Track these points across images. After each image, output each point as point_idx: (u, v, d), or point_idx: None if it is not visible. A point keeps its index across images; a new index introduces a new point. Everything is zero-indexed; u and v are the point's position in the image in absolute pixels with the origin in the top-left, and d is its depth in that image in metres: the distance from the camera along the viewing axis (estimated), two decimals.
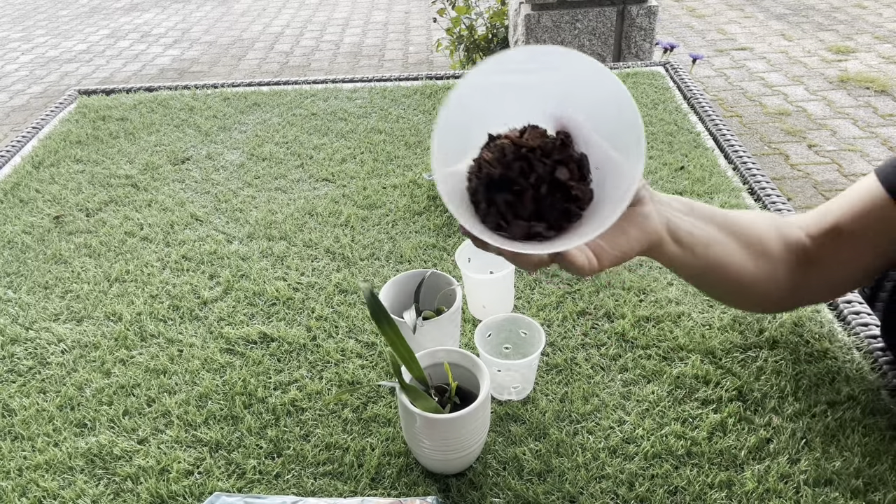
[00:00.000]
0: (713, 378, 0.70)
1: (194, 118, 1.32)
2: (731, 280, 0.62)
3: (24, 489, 0.63)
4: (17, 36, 4.95)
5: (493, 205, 0.50)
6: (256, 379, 0.73)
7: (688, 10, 4.73)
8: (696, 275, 0.62)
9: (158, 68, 4.19)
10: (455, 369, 0.63)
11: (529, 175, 0.49)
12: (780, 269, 0.64)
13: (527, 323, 0.69)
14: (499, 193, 0.50)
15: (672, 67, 1.44)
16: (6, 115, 3.62)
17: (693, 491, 0.59)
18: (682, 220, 0.58)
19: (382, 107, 1.34)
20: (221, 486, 0.62)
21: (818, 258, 0.64)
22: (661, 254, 0.57)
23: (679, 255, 0.58)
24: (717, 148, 1.15)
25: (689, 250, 0.58)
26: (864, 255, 0.63)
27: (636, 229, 0.54)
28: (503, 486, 0.61)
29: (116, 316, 0.83)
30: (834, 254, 0.64)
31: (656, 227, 0.55)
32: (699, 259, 0.59)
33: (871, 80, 3.38)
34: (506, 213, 0.49)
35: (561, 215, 0.50)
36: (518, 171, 0.49)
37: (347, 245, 0.94)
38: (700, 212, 0.60)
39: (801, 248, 0.65)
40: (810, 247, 0.65)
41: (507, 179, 0.49)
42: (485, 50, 2.93)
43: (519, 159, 0.50)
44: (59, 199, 1.07)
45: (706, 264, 0.60)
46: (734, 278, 0.62)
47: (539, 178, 0.49)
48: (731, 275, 0.62)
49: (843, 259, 0.64)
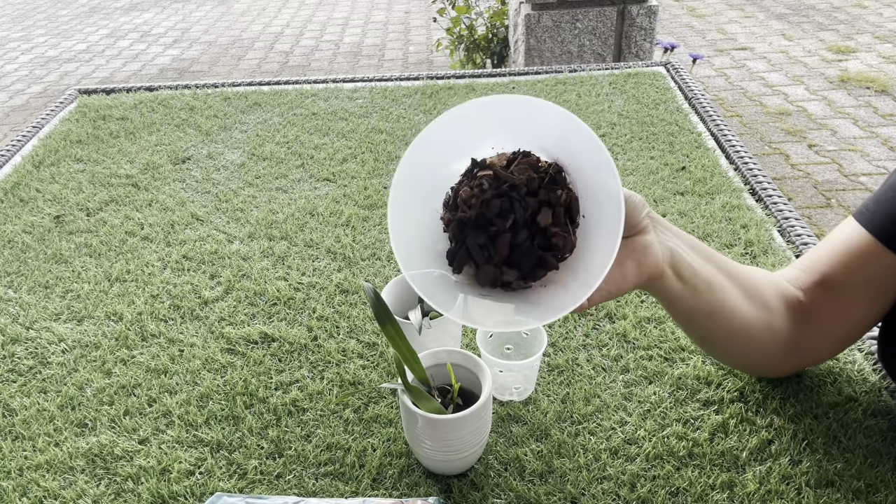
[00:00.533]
0: (715, 379, 0.70)
1: (195, 118, 1.31)
2: (733, 328, 0.59)
3: (25, 489, 0.62)
4: (16, 35, 4.95)
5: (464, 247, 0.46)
6: (257, 379, 0.73)
7: (688, 9, 4.73)
8: (694, 318, 0.58)
9: (158, 68, 4.19)
10: (457, 370, 0.63)
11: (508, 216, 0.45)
12: (777, 323, 0.61)
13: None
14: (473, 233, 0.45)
15: (673, 67, 1.44)
16: (6, 114, 3.62)
17: (695, 492, 0.59)
18: (686, 254, 0.54)
19: (383, 106, 1.33)
20: (222, 486, 0.62)
21: (814, 312, 0.61)
22: (661, 288, 0.53)
23: (679, 293, 0.54)
24: (718, 148, 1.15)
25: (691, 288, 0.54)
26: (860, 304, 0.60)
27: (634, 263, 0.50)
28: (504, 486, 0.60)
29: (117, 316, 0.83)
30: (829, 306, 0.61)
31: (657, 261, 0.51)
32: (700, 299, 0.55)
33: (871, 79, 3.38)
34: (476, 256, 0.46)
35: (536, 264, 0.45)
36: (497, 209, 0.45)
37: (348, 245, 0.94)
38: (702, 250, 0.57)
39: (797, 302, 0.62)
40: (804, 301, 0.62)
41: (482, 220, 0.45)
42: (485, 50, 2.93)
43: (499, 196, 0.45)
44: (59, 199, 1.07)
45: (708, 307, 0.56)
46: (736, 326, 0.58)
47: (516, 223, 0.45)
48: (734, 322, 0.58)
49: (839, 311, 0.61)
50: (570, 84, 1.38)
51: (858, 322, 0.62)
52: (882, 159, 2.71)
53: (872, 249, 0.58)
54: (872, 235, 0.58)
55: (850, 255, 0.59)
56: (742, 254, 0.88)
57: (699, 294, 0.55)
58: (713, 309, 0.57)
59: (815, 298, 0.61)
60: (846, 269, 0.60)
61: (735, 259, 0.87)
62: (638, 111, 1.27)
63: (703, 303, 0.56)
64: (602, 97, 1.32)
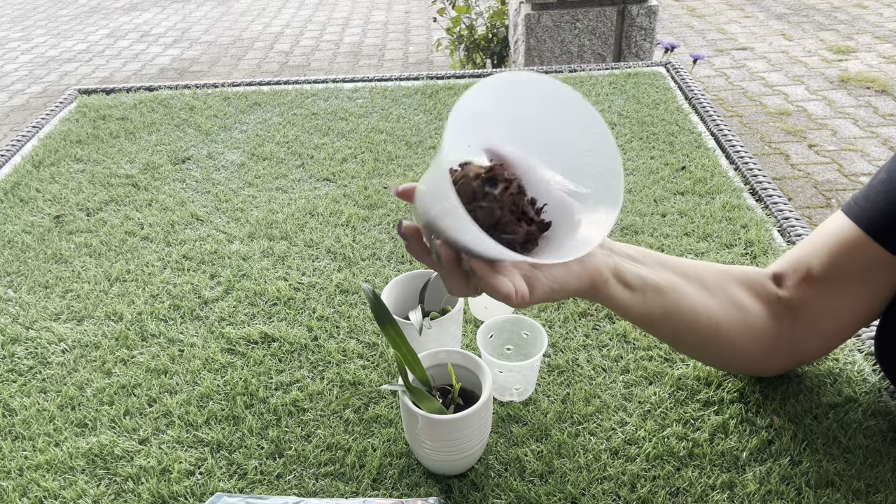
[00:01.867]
0: (715, 379, 0.70)
1: (195, 118, 1.31)
2: (699, 327, 0.58)
3: (25, 489, 0.62)
4: (16, 35, 4.95)
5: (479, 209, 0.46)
6: (258, 379, 0.73)
7: (688, 9, 4.73)
8: (654, 322, 0.58)
9: (158, 68, 4.19)
10: (457, 370, 0.63)
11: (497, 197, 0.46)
12: (753, 320, 0.60)
13: (529, 324, 0.69)
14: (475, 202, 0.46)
15: (673, 67, 1.44)
16: (6, 114, 3.62)
17: (695, 492, 0.59)
18: (630, 265, 0.55)
19: (383, 106, 1.33)
20: (223, 486, 0.62)
21: (799, 307, 0.61)
22: (609, 297, 0.53)
23: (628, 299, 0.54)
24: (719, 148, 1.15)
25: (640, 294, 0.55)
26: (848, 298, 0.60)
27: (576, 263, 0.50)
28: (505, 487, 0.60)
29: (117, 315, 0.83)
30: (816, 301, 0.60)
31: (599, 266, 0.51)
32: (653, 303, 0.55)
33: (871, 79, 3.38)
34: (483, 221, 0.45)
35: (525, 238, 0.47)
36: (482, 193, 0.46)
37: (348, 245, 0.94)
38: (652, 258, 0.57)
39: (774, 298, 0.62)
40: (787, 297, 0.61)
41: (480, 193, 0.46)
42: (485, 50, 2.93)
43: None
44: (59, 199, 1.07)
45: (663, 309, 0.56)
46: (702, 324, 0.58)
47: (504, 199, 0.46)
48: (699, 321, 0.58)
49: (826, 306, 0.60)
50: (571, 84, 1.38)
51: (846, 317, 0.61)
52: (882, 159, 2.71)
53: (860, 242, 0.58)
54: (861, 229, 0.58)
55: (838, 248, 0.59)
56: (742, 254, 0.88)
57: (648, 298, 0.55)
58: (668, 311, 0.57)
59: (803, 293, 0.61)
60: (834, 262, 0.59)
61: (735, 259, 0.87)
62: (638, 111, 1.27)
63: (656, 306, 0.56)
64: (602, 97, 1.32)
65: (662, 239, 0.92)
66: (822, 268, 0.60)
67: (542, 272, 0.49)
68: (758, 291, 0.62)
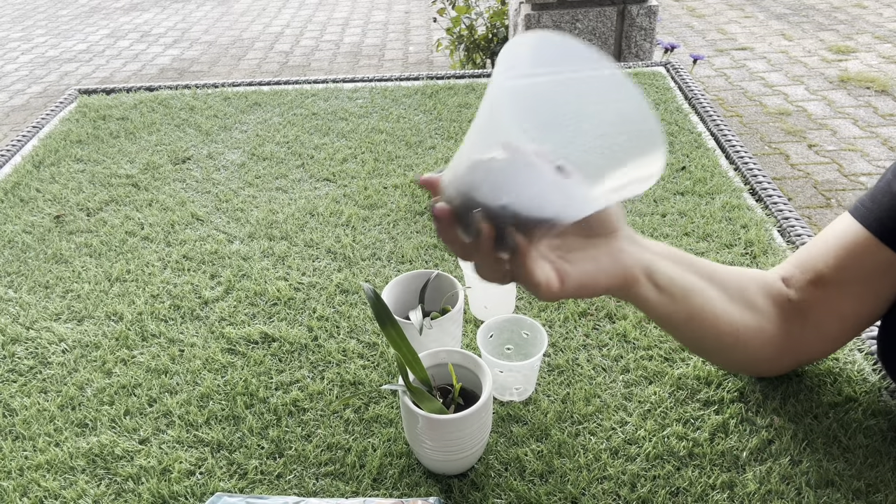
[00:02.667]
0: (715, 379, 0.70)
1: (195, 118, 1.31)
2: (720, 332, 0.58)
3: (26, 489, 0.62)
4: (16, 36, 4.95)
5: None
6: (258, 379, 0.73)
7: (688, 9, 4.73)
8: (678, 325, 0.58)
9: (158, 68, 4.19)
10: (457, 370, 0.63)
11: None
12: (766, 323, 0.60)
13: (529, 324, 0.69)
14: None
15: (673, 68, 1.44)
16: (6, 114, 3.62)
17: (695, 492, 0.59)
18: (662, 264, 0.54)
19: (383, 106, 1.33)
20: (223, 486, 0.62)
21: (807, 310, 0.61)
22: (638, 296, 0.53)
23: (657, 301, 0.54)
24: (719, 148, 1.15)
25: (669, 296, 0.54)
26: (854, 300, 0.60)
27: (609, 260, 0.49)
28: (505, 486, 0.60)
29: (117, 315, 0.83)
30: (822, 303, 0.60)
31: (631, 265, 0.51)
32: (680, 307, 0.55)
33: (871, 79, 3.38)
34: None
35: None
36: None
37: (349, 245, 0.94)
38: (680, 258, 0.57)
39: (786, 301, 0.62)
40: (796, 299, 0.61)
41: None
42: (485, 50, 2.93)
43: None
44: (59, 199, 1.07)
45: (688, 313, 0.56)
46: (723, 330, 0.58)
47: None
48: (719, 325, 0.58)
49: (832, 308, 0.60)
50: None
51: (852, 319, 0.61)
52: (882, 159, 2.71)
53: (868, 245, 0.58)
54: (868, 231, 0.58)
55: (844, 251, 0.59)
56: (742, 254, 0.88)
57: (676, 301, 0.55)
58: (692, 314, 0.57)
59: (809, 295, 0.61)
60: (840, 264, 0.59)
61: (735, 259, 0.87)
62: None
63: (681, 309, 0.56)
64: None
65: (662, 239, 0.92)
66: (830, 270, 0.60)
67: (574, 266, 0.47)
68: (772, 294, 0.62)
